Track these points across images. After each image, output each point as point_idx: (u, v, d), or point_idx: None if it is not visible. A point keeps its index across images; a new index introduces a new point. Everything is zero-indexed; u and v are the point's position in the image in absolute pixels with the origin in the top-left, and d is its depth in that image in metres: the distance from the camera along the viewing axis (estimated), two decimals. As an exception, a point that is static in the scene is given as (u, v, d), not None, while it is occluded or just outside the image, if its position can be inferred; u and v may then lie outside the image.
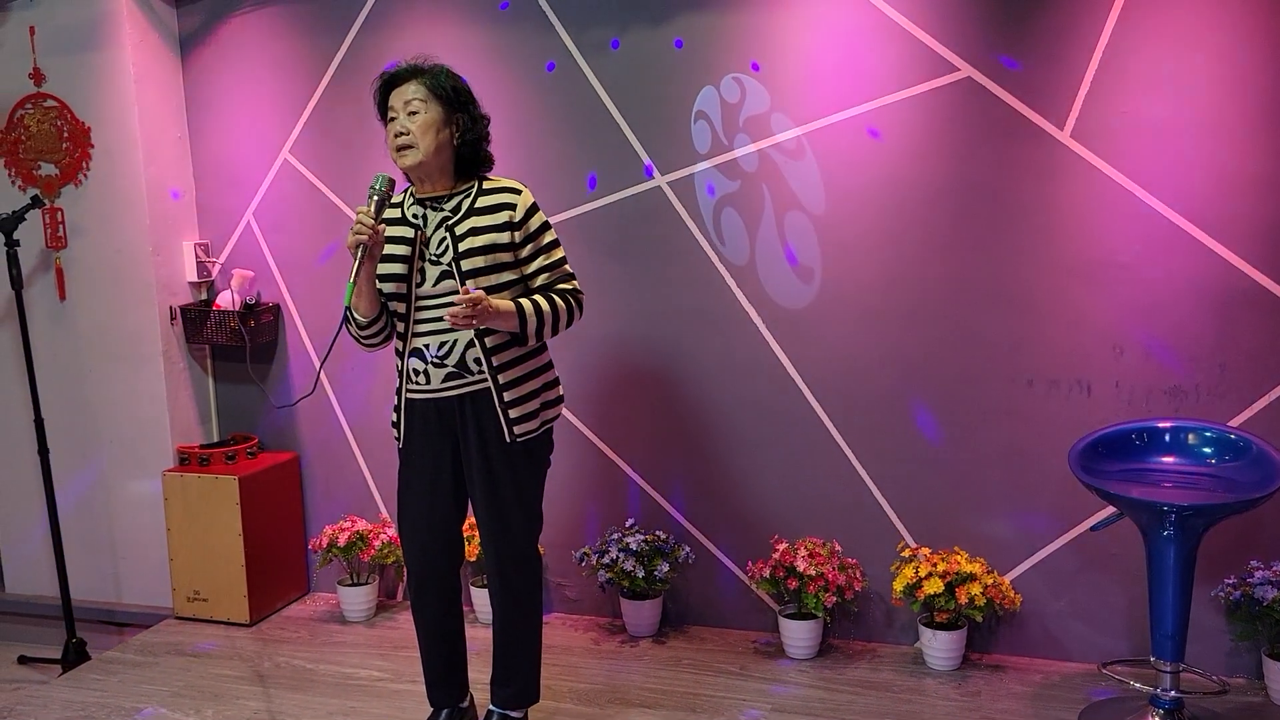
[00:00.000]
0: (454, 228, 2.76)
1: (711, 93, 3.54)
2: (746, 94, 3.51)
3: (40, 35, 4.00)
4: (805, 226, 3.51)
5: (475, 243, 2.73)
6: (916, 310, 3.45)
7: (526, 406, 2.81)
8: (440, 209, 2.79)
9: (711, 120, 3.55)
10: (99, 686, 3.55)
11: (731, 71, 3.51)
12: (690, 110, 3.57)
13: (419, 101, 2.72)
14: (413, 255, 2.78)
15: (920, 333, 3.46)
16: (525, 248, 2.77)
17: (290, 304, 4.16)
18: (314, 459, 4.23)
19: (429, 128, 2.72)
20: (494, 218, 2.75)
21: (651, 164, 3.64)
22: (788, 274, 3.55)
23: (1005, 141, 3.29)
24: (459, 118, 2.77)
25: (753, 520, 3.70)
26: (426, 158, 2.72)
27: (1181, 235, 3.18)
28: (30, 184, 4.11)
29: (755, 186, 3.54)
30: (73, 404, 4.19)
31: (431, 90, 2.73)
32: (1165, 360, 3.24)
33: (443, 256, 2.75)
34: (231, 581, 3.98)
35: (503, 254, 2.75)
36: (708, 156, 3.57)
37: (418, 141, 2.71)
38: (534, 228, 2.78)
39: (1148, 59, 3.15)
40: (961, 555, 3.40)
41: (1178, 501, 2.79)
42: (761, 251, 3.57)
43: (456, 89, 2.78)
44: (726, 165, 3.56)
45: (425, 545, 2.91)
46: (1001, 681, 3.33)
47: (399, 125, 2.73)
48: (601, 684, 3.41)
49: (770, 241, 3.55)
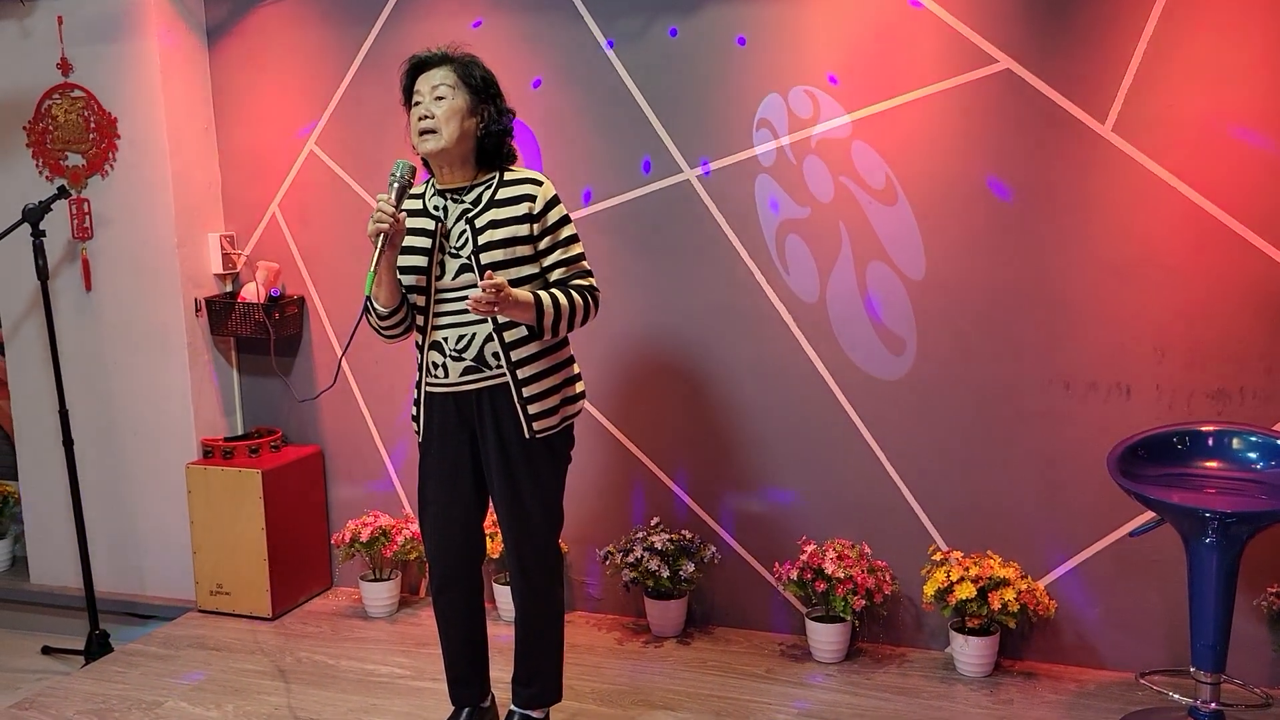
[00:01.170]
0: (473, 220, 2.72)
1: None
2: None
3: (68, 25, 4.00)
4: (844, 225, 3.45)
5: (495, 236, 2.69)
6: (950, 309, 3.38)
7: (546, 403, 2.76)
8: (461, 201, 2.75)
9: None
10: (120, 679, 3.54)
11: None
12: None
13: (446, 87, 2.68)
14: (433, 248, 2.74)
15: (954, 331, 3.38)
16: (543, 240, 2.73)
17: (315, 296, 4.14)
18: (337, 453, 4.20)
19: (454, 115, 2.67)
20: (514, 210, 2.70)
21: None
22: (812, 272, 3.49)
23: (1044, 135, 3.21)
24: (485, 109, 2.72)
25: (780, 521, 3.64)
26: (449, 145, 2.68)
27: (1227, 233, 3.09)
28: (57, 174, 4.10)
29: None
30: (98, 395, 4.18)
31: (461, 78, 2.70)
32: (1209, 362, 3.15)
33: (462, 250, 2.71)
34: (254, 575, 3.96)
35: (522, 247, 2.71)
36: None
37: (441, 128, 2.67)
38: (552, 221, 2.73)
39: (1193, 50, 3.06)
40: (995, 559, 3.32)
41: (1220, 508, 2.71)
42: (790, 248, 3.50)
43: (486, 79, 2.74)
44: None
45: (446, 540, 2.88)
46: (1035, 689, 3.26)
47: (424, 109, 2.69)
48: (624, 685, 3.36)
49: (795, 240, 3.49)
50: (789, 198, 3.49)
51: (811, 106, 3.44)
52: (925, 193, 3.36)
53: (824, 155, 3.44)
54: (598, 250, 3.53)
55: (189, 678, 3.52)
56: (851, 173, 3.41)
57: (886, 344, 3.46)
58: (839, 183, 3.43)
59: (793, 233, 3.51)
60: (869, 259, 3.44)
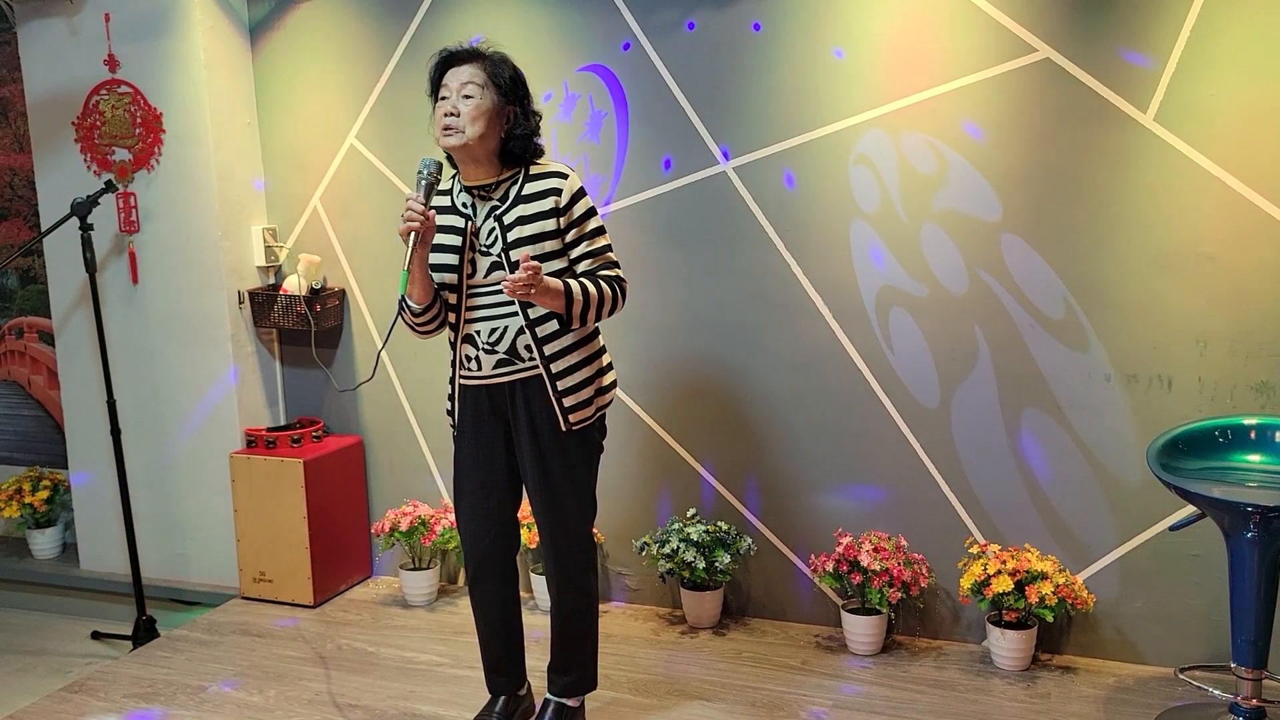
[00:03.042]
0: (502, 218, 2.73)
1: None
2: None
3: (115, 22, 4.07)
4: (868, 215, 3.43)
5: (524, 232, 2.70)
6: (988, 298, 3.36)
7: (580, 394, 2.78)
8: (489, 198, 2.76)
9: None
10: (166, 664, 3.61)
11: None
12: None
13: (475, 86, 2.68)
14: (464, 246, 2.76)
15: (993, 322, 3.36)
16: (570, 233, 2.73)
17: (356, 289, 4.19)
18: (378, 443, 4.25)
19: (480, 115, 2.67)
20: (541, 204, 2.71)
21: (726, 148, 3.59)
22: (847, 265, 3.48)
23: (1085, 125, 3.18)
24: (511, 110, 2.72)
25: (817, 512, 3.64)
26: (471, 142, 2.67)
27: (1271, 223, 3.04)
28: (105, 169, 4.18)
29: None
30: (144, 386, 4.26)
31: (490, 76, 2.69)
32: (1251, 354, 3.10)
33: (492, 248, 2.73)
34: (296, 563, 4.02)
35: (550, 241, 2.72)
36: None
37: (465, 126, 2.66)
38: (578, 213, 2.74)
39: (1235, 39, 3.01)
40: (1032, 553, 3.30)
41: (1263, 502, 2.67)
42: (820, 245, 3.50)
43: (515, 80, 2.73)
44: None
45: (480, 531, 2.91)
46: (1072, 684, 3.23)
47: (449, 105, 2.68)
48: (660, 675, 3.38)
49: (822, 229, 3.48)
50: (825, 187, 3.48)
51: (850, 98, 3.43)
52: (963, 183, 3.33)
53: (870, 148, 3.42)
54: (645, 239, 3.54)
55: (236, 668, 3.58)
56: (900, 163, 3.39)
57: (924, 334, 3.44)
58: (887, 174, 3.42)
59: (834, 222, 3.50)
60: (909, 249, 3.43)
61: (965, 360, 3.41)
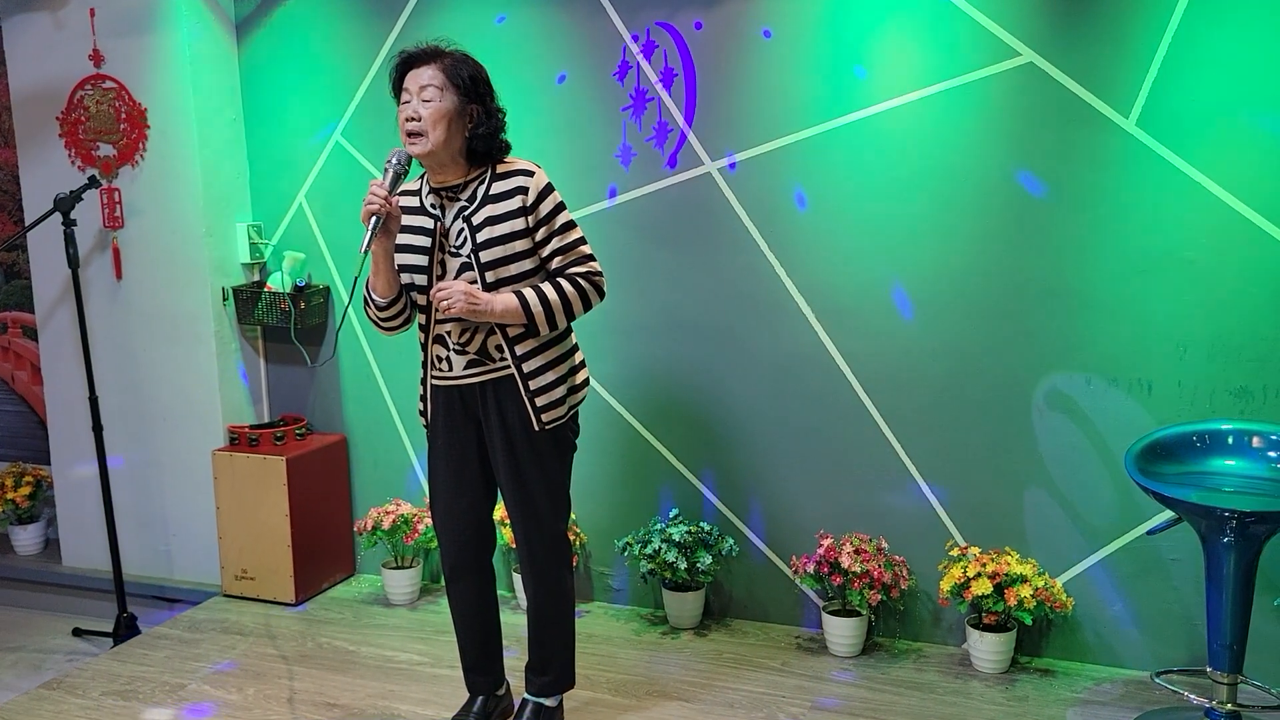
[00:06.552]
0: (470, 218, 2.72)
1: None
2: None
3: (100, 17, 4.05)
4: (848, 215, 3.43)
5: (493, 233, 2.70)
6: (971, 304, 3.36)
7: (553, 394, 2.78)
8: (457, 199, 2.75)
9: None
10: (146, 661, 3.60)
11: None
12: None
13: (434, 89, 2.64)
14: (433, 247, 2.76)
15: (974, 327, 3.36)
16: (539, 231, 2.72)
17: (340, 286, 4.18)
18: (361, 441, 4.25)
19: (441, 118, 2.64)
20: (508, 204, 2.70)
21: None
22: (832, 264, 3.48)
23: (1067, 129, 3.18)
24: (473, 109, 2.69)
25: (798, 514, 3.64)
26: (436, 148, 2.65)
27: (1251, 228, 3.05)
28: (89, 164, 4.17)
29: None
30: (127, 382, 4.25)
31: (449, 77, 2.66)
32: (1231, 359, 3.11)
33: (462, 249, 2.73)
34: (278, 561, 4.01)
35: (519, 241, 2.71)
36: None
37: (428, 130, 2.64)
38: (546, 211, 2.72)
39: (1218, 43, 3.01)
40: (1012, 556, 3.30)
41: (1239, 507, 2.68)
42: (807, 238, 3.50)
43: (474, 78, 2.70)
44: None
45: (455, 531, 2.91)
46: (1050, 686, 3.24)
47: (411, 110, 2.66)
48: (640, 675, 3.38)
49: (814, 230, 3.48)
50: (813, 190, 3.48)
51: (835, 100, 3.43)
52: (947, 187, 3.33)
53: (847, 146, 3.42)
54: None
55: (215, 666, 3.58)
56: (875, 164, 3.40)
57: (908, 339, 3.45)
58: (862, 174, 3.42)
59: (816, 224, 3.50)
60: (892, 252, 3.43)
61: (947, 363, 3.41)
